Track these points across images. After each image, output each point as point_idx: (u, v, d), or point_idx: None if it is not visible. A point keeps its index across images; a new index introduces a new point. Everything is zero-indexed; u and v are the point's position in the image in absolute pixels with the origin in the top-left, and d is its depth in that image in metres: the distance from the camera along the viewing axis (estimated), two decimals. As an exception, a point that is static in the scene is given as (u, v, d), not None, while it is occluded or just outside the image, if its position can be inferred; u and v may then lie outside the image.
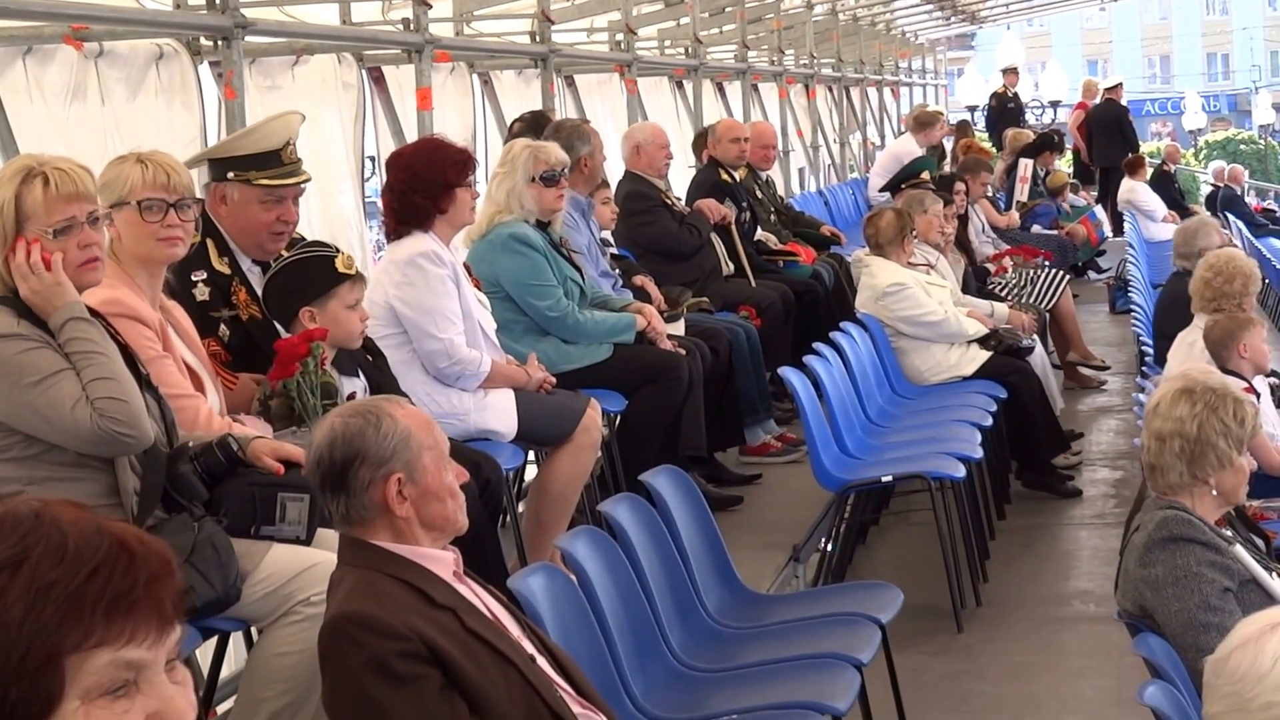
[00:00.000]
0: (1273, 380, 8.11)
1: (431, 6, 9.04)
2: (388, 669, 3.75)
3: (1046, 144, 20.19)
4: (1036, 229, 16.98)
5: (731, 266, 10.47)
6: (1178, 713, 4.23)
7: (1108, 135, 23.01)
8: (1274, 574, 5.06)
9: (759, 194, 12.02)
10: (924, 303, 9.82)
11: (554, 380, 7.16)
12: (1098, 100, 24.04)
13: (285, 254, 5.82)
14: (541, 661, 4.03)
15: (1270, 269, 17.86)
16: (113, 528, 2.09)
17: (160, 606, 2.08)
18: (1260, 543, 5.36)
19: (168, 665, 2.10)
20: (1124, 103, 24.06)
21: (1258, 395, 6.83)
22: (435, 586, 3.92)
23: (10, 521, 2.06)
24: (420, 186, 6.86)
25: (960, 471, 7.89)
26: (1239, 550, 4.95)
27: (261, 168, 5.84)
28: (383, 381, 5.96)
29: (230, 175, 5.80)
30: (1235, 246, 12.45)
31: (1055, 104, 31.96)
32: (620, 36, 12.35)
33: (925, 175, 13.13)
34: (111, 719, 2.03)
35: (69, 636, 2.01)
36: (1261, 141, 60.04)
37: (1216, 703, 3.33)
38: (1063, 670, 7.34)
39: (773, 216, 12.21)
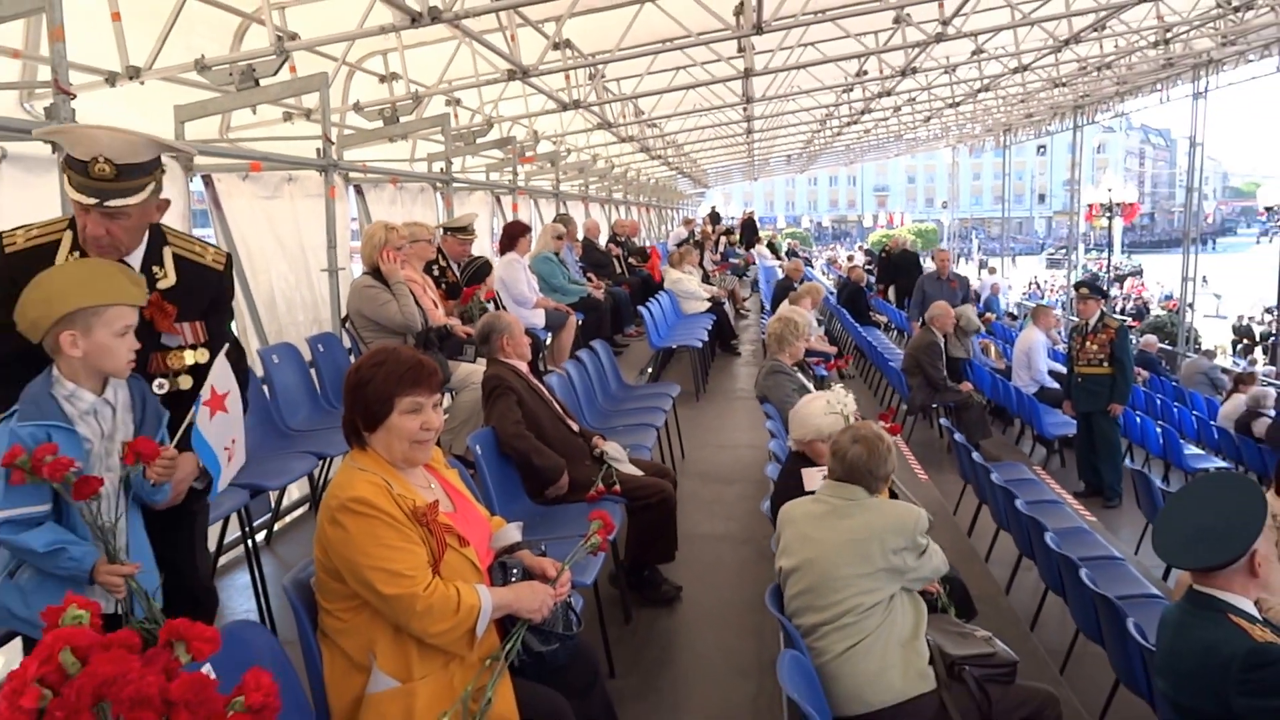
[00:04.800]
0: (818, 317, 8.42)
1: (452, 165, 7.23)
2: (499, 391, 3.70)
3: (728, 231, 20.62)
4: (730, 260, 17.57)
5: (619, 271, 10.25)
6: (780, 432, 4.20)
7: (745, 231, 23.17)
8: (812, 383, 4.91)
9: (632, 245, 12.07)
10: (690, 285, 9.85)
11: (560, 305, 7.12)
12: (746, 217, 24.36)
13: (468, 257, 5.76)
14: (557, 407, 3.96)
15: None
16: (422, 357, 2.08)
17: (432, 385, 2.06)
18: (811, 373, 5.32)
19: (436, 404, 2.06)
20: (755, 218, 24.26)
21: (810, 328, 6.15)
22: (520, 373, 3.88)
23: (395, 350, 2.07)
24: (510, 238, 6.78)
25: (700, 344, 7.99)
26: (799, 375, 4.89)
27: (464, 231, 5.77)
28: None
29: (453, 233, 5.79)
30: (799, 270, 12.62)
31: (734, 217, 32.07)
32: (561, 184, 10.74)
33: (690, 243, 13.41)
34: (410, 420, 2.00)
35: (396, 391, 2.01)
36: (806, 232, 61.57)
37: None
38: (735, 415, 7.24)
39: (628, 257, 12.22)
